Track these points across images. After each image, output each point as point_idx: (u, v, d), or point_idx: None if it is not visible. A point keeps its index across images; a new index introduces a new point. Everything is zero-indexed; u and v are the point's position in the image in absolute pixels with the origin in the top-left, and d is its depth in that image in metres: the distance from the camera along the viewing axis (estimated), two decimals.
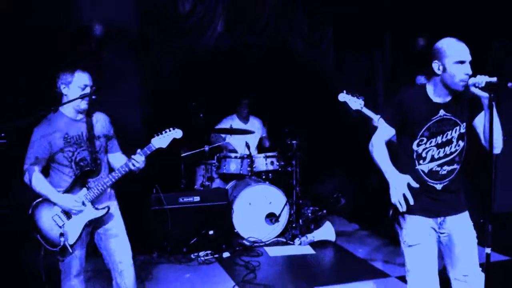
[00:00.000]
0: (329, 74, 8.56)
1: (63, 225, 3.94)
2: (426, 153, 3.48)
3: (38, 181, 3.93)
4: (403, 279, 5.59)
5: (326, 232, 7.02)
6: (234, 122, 8.02)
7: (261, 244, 6.90)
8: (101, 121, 4.17)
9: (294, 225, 7.37)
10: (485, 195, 3.25)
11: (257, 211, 7.08)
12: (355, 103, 5.32)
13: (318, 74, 8.51)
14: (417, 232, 3.51)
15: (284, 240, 7.09)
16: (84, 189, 3.96)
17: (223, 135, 8.04)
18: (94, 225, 4.09)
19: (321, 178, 8.88)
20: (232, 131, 7.63)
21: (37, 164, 3.94)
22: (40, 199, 3.96)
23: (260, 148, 8.35)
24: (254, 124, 8.27)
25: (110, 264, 4.19)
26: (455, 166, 3.51)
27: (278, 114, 8.33)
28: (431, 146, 3.47)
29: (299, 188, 7.57)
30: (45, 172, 4.02)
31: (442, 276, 3.66)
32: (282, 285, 5.54)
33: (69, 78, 3.92)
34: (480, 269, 3.59)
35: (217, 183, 7.68)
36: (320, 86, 8.45)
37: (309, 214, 7.56)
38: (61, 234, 3.90)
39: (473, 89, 3.29)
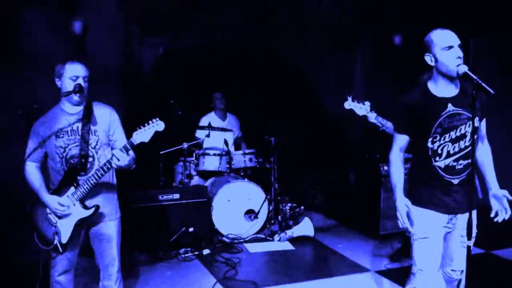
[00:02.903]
0: (308, 72, 8.61)
1: (55, 223, 3.88)
2: (442, 149, 3.46)
3: (31, 177, 3.91)
4: (382, 273, 5.72)
5: (305, 228, 7.06)
6: (212, 119, 8.01)
7: (240, 240, 6.92)
8: (102, 114, 3.99)
9: (273, 222, 7.43)
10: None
11: (236, 208, 7.10)
12: (361, 109, 5.30)
13: (297, 72, 8.56)
14: (427, 226, 3.54)
15: (264, 236, 7.13)
16: (72, 188, 3.84)
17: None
18: (87, 224, 3.98)
19: (299, 174, 8.93)
20: (212, 128, 7.63)
21: (33, 158, 3.90)
22: (37, 196, 3.91)
23: (238, 148, 8.35)
24: (232, 121, 8.27)
25: (101, 266, 4.13)
26: (470, 160, 3.49)
27: (257, 111, 8.37)
28: (446, 142, 3.45)
29: (277, 185, 7.61)
30: (45, 169, 3.97)
31: None
32: (263, 280, 5.56)
33: (61, 70, 3.82)
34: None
35: (195, 180, 7.68)
36: (298, 84, 8.51)
37: (288, 211, 7.58)
38: (56, 233, 3.85)
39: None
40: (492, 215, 3.54)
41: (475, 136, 3.39)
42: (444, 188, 3.50)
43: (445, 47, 3.36)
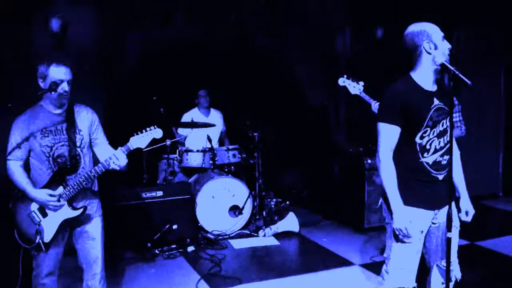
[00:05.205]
0: (290, 66, 8.59)
1: (39, 222, 3.83)
2: (430, 144, 3.39)
3: (16, 174, 3.84)
4: (366, 267, 5.72)
5: (290, 223, 7.06)
6: (195, 115, 7.98)
7: (225, 237, 6.90)
8: (83, 114, 4.00)
9: (257, 217, 7.40)
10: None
11: (220, 204, 7.08)
12: (354, 88, 5.29)
13: (279, 66, 8.53)
14: (416, 226, 3.42)
15: (248, 232, 7.11)
16: (61, 187, 3.82)
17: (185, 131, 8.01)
18: (71, 224, 3.96)
19: (284, 169, 8.93)
20: (194, 125, 7.59)
21: (16, 157, 3.84)
22: (20, 194, 3.85)
23: (221, 143, 8.34)
24: (215, 116, 8.25)
25: (84, 265, 4.10)
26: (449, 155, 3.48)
27: (240, 106, 8.34)
28: (434, 137, 3.38)
29: (262, 180, 7.59)
30: (28, 167, 3.91)
31: None
32: (247, 276, 5.55)
33: (45, 72, 3.77)
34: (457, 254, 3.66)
35: (179, 177, 7.65)
36: (281, 78, 8.49)
37: (273, 206, 7.57)
38: (37, 232, 3.81)
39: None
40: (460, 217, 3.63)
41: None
42: (431, 184, 3.44)
43: (442, 37, 3.35)
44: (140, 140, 3.85)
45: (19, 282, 4.03)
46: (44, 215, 3.85)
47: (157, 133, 3.90)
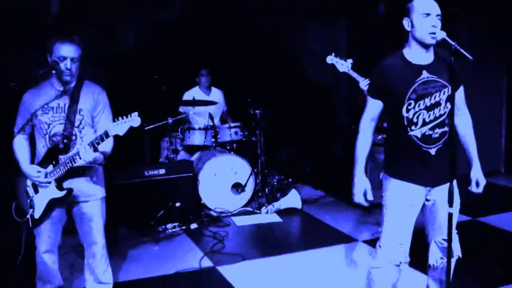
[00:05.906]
0: (292, 42, 8.55)
1: (32, 197, 3.86)
2: (417, 117, 3.41)
3: (16, 147, 3.91)
4: (369, 242, 5.74)
5: (292, 200, 7.08)
6: (196, 93, 7.97)
7: (228, 214, 6.93)
8: (89, 93, 3.90)
9: (260, 194, 7.41)
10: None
11: (223, 182, 7.09)
12: (342, 65, 5.28)
13: (281, 43, 8.49)
14: (402, 197, 3.51)
15: (251, 209, 7.13)
16: (51, 166, 3.79)
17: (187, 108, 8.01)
18: (61, 205, 3.93)
19: (286, 147, 8.92)
20: (196, 103, 7.58)
21: (21, 130, 3.86)
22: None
23: (223, 122, 8.34)
24: (216, 95, 8.23)
25: (85, 245, 4.11)
26: (445, 128, 3.45)
27: (241, 83, 8.31)
28: (421, 110, 3.40)
29: (264, 157, 7.59)
30: (34, 142, 3.95)
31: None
32: (250, 253, 5.58)
33: (51, 47, 3.72)
34: (456, 231, 3.65)
35: (182, 155, 7.66)
36: (282, 55, 8.45)
37: (275, 183, 7.60)
38: (30, 207, 3.84)
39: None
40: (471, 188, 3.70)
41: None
42: (422, 158, 3.46)
43: (423, 14, 3.33)
44: (118, 127, 3.56)
45: (19, 257, 4.05)
46: (36, 191, 3.87)
47: (135, 121, 3.57)
